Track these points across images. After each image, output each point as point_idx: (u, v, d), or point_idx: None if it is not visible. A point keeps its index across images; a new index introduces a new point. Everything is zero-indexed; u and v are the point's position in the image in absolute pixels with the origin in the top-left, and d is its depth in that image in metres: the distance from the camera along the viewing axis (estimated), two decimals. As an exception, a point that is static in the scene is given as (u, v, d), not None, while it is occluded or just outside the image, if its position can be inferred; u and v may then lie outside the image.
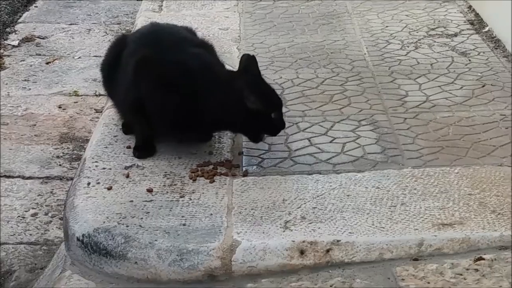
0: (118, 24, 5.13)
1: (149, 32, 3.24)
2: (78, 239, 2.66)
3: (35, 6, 5.45)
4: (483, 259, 2.50)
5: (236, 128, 3.02)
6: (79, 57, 4.66)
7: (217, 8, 4.68)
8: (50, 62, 4.60)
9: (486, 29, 4.20)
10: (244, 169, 2.97)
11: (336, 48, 4.06)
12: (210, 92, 2.91)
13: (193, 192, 2.83)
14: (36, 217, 3.26)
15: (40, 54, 4.71)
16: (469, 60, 3.86)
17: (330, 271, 2.52)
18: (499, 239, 2.57)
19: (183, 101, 2.91)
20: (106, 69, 3.23)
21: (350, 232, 2.59)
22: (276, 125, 2.95)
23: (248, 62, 2.92)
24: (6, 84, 4.33)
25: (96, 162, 3.04)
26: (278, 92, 3.53)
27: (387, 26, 4.32)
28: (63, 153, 3.71)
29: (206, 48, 3.16)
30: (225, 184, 2.88)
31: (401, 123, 3.29)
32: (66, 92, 4.25)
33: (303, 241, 2.55)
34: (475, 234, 2.58)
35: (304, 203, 2.75)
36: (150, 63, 2.98)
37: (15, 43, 4.83)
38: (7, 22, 5.15)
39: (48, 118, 4.00)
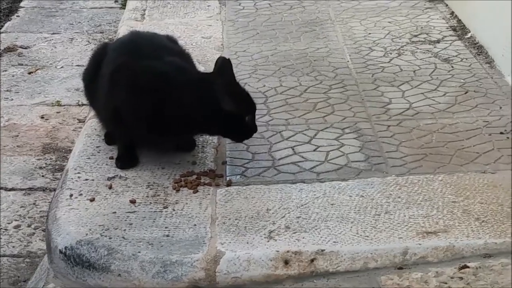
0: (101, 33, 5.11)
1: (129, 40, 3.25)
2: (60, 252, 2.63)
3: (17, 16, 5.42)
4: (468, 267, 2.49)
5: (212, 131, 3.02)
6: (62, 67, 4.64)
7: (200, 16, 4.67)
8: (32, 72, 4.57)
9: (469, 35, 4.21)
10: (227, 178, 2.96)
11: (319, 55, 4.06)
12: (184, 94, 2.90)
13: (177, 203, 2.81)
14: (19, 229, 3.23)
15: (22, 64, 4.68)
16: (452, 67, 3.87)
17: (314, 281, 2.51)
18: (484, 246, 2.56)
19: (156, 106, 2.90)
20: (87, 78, 3.22)
21: (334, 242, 2.58)
22: (249, 129, 2.95)
23: (223, 64, 2.92)
24: (-12, 94, 4.30)
25: (78, 173, 3.02)
26: (261, 100, 3.56)
27: (370, 33, 4.32)
28: (46, 164, 3.68)
29: (183, 56, 3.16)
30: (209, 194, 2.86)
31: (385, 130, 3.29)
32: (48, 102, 4.22)
33: (288, 251, 2.54)
34: (460, 242, 2.57)
35: (288, 213, 2.74)
36: (124, 70, 2.97)
37: (-3, 53, 4.81)
38: (-12, 32, 5.12)
39: (30, 128, 3.97)
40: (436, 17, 4.51)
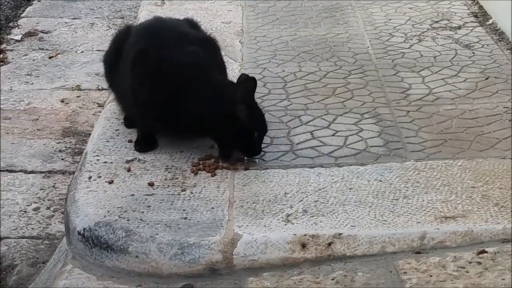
0: (121, 18, 5.12)
1: (152, 26, 3.23)
2: (79, 233, 2.65)
3: (38, 1, 5.44)
4: (486, 252, 2.48)
5: (217, 136, 2.95)
6: (82, 52, 4.65)
7: (220, 1, 4.66)
8: (53, 57, 4.58)
9: (490, 21, 4.18)
10: (245, 162, 2.95)
11: (339, 41, 4.04)
12: (201, 92, 2.89)
13: (195, 186, 2.82)
14: (38, 211, 3.25)
15: (43, 49, 4.70)
16: (473, 53, 3.84)
17: (332, 264, 2.51)
18: (502, 232, 2.55)
19: (168, 98, 2.90)
20: (108, 61, 3.23)
21: (352, 226, 2.58)
22: (253, 146, 2.92)
23: (248, 80, 2.90)
24: (9, 78, 4.32)
25: (97, 156, 3.03)
26: (280, 85, 3.56)
27: (390, 19, 4.30)
28: (65, 147, 3.70)
29: (208, 44, 3.14)
30: (227, 177, 2.86)
31: (404, 116, 3.27)
32: (68, 87, 4.24)
33: (305, 235, 2.54)
34: (478, 227, 2.56)
35: (306, 197, 2.73)
36: (145, 56, 2.97)
37: (18, 37, 4.82)
38: (10, 16, 5.14)
39: (50, 112, 3.99)
40: (458, 3, 4.49)
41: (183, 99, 2.90)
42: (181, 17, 3.68)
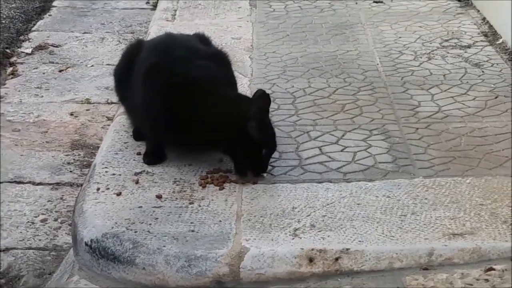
0: (131, 33, 5.14)
1: (163, 41, 3.26)
2: (86, 244, 2.65)
3: (49, 15, 5.47)
4: (494, 269, 2.47)
5: (226, 150, 2.96)
6: (92, 66, 4.67)
7: (230, 17, 4.68)
8: (63, 70, 4.60)
9: (500, 41, 4.18)
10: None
11: (349, 58, 4.05)
12: (210, 107, 2.90)
13: (203, 199, 2.82)
14: (46, 223, 3.25)
15: (53, 62, 4.72)
16: (482, 72, 3.85)
17: (339, 279, 2.50)
18: (510, 249, 2.54)
19: (180, 112, 2.91)
20: (119, 74, 3.25)
21: (359, 241, 2.57)
22: (260, 162, 2.91)
23: (263, 96, 2.90)
24: (19, 91, 4.34)
25: (106, 168, 3.04)
26: (289, 101, 3.57)
27: (400, 37, 4.31)
28: (74, 159, 3.71)
29: (219, 59, 3.15)
30: (235, 191, 2.87)
31: (413, 133, 3.27)
32: (78, 100, 4.25)
33: (312, 249, 2.53)
34: (486, 244, 2.55)
35: (314, 211, 2.73)
36: (157, 70, 2.99)
37: (29, 50, 4.84)
38: (21, 30, 5.17)
39: (60, 125, 4.00)
40: (468, 22, 4.49)
41: (194, 113, 2.90)
42: (191, 32, 3.70)
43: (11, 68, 4.60)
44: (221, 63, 3.13)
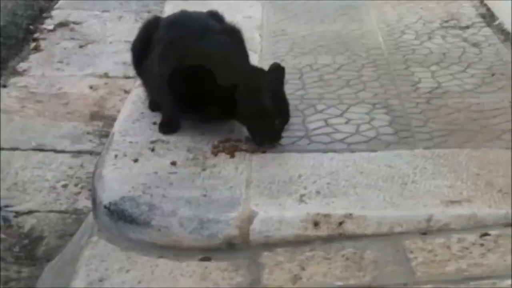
0: (148, 12, 5.11)
1: (179, 18, 3.24)
2: (105, 207, 2.65)
3: (70, -6, 5.45)
4: (489, 234, 2.47)
5: (242, 120, 2.95)
6: (111, 42, 4.66)
7: (242, -3, 4.66)
8: (83, 46, 4.59)
9: (497, 22, 4.16)
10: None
11: (353, 37, 4.03)
12: (226, 78, 2.89)
13: (214, 166, 2.81)
14: (67, 188, 3.26)
15: (74, 38, 4.70)
16: (480, 51, 3.82)
17: (342, 242, 2.50)
18: (505, 216, 2.53)
19: (197, 84, 2.90)
20: (136, 48, 3.23)
21: (362, 207, 2.57)
22: (275, 132, 2.90)
23: (278, 69, 2.89)
24: (42, 65, 4.33)
25: (123, 136, 3.03)
26: (297, 76, 3.55)
27: (402, 18, 4.28)
28: (93, 129, 3.71)
29: (232, 34, 3.14)
30: (245, 159, 2.86)
31: (414, 107, 3.26)
32: (97, 74, 4.25)
33: (317, 213, 2.53)
34: (482, 211, 2.55)
35: (319, 179, 2.73)
36: (175, 44, 2.98)
37: (51, 27, 4.83)
38: (44, 8, 5.15)
39: (80, 97, 4.00)
40: (466, 4, 4.46)
41: (210, 85, 2.89)
42: (205, 10, 3.69)
43: (34, 44, 4.60)
44: (234, 37, 3.12)
